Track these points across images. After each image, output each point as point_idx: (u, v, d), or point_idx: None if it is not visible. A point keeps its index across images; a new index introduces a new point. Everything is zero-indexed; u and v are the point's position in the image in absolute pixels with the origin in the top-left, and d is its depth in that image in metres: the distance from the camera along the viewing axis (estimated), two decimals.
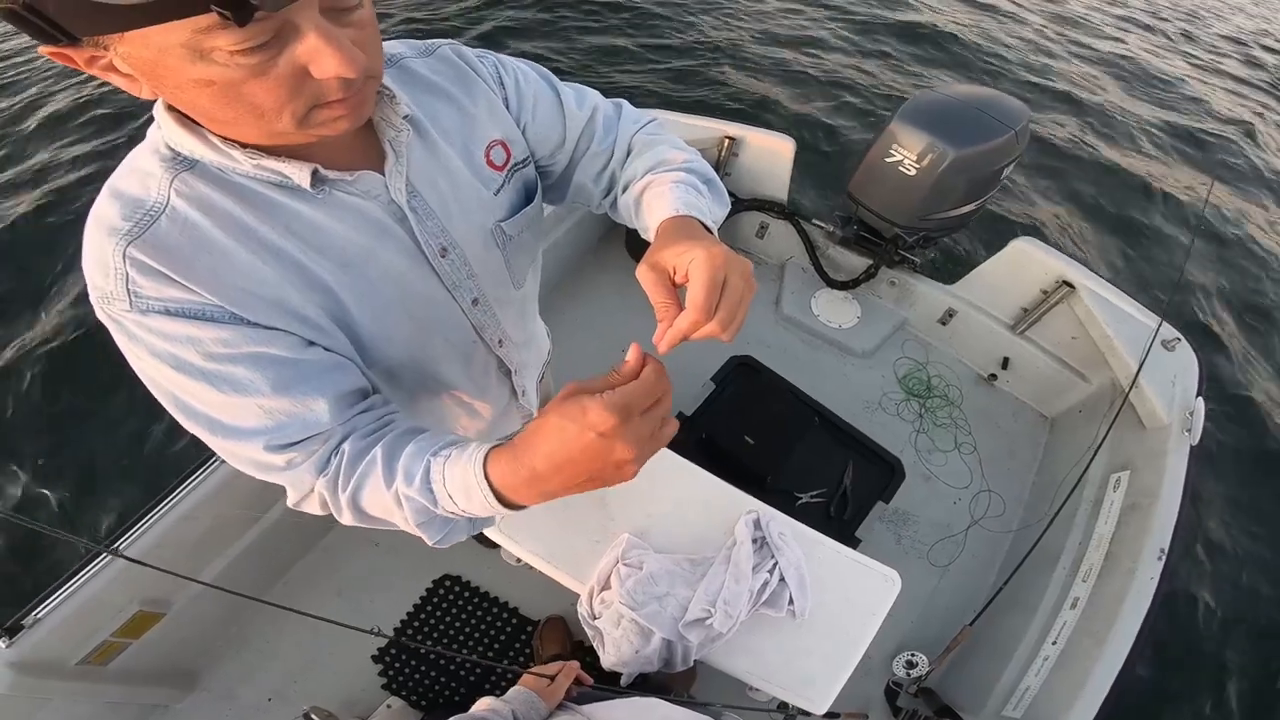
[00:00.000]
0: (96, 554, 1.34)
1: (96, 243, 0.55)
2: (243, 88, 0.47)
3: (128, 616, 1.41)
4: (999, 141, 1.86)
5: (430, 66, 0.72)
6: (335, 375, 0.64)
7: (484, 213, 0.75)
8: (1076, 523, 1.84)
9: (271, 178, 0.58)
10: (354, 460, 0.62)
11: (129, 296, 0.54)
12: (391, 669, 1.72)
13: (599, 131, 0.83)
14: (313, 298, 0.62)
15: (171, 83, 0.47)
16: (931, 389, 2.38)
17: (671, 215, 0.68)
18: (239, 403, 0.58)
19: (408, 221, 0.67)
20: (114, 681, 1.45)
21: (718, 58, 5.11)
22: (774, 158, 2.27)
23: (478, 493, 0.55)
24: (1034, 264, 2.09)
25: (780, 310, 2.50)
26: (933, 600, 1.91)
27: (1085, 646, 1.49)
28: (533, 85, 0.79)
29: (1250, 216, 4.52)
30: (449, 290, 0.75)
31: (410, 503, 0.59)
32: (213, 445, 0.62)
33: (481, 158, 0.74)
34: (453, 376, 0.86)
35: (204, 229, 0.56)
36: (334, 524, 1.87)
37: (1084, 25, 7.20)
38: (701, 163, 0.80)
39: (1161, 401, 1.79)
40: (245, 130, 0.53)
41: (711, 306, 0.56)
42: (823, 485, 1.76)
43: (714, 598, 1.17)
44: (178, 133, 0.55)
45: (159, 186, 0.56)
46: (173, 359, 0.56)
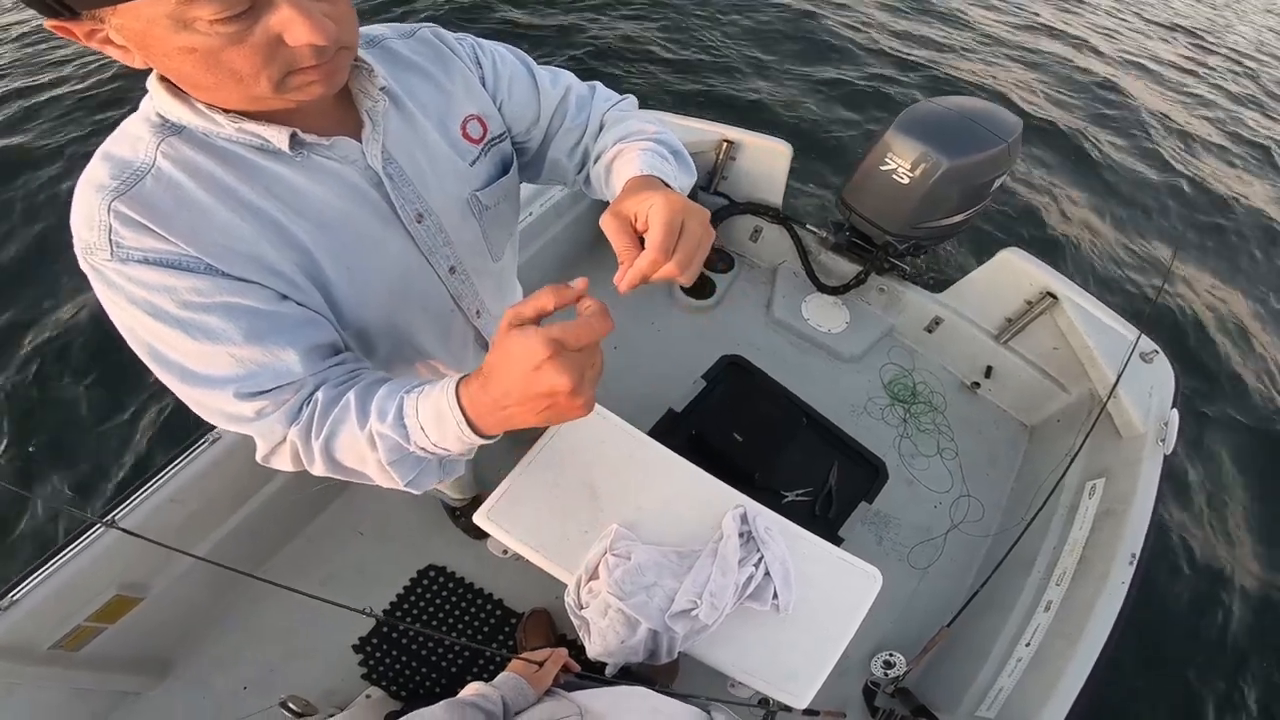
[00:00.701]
0: (89, 526, 1.32)
1: (84, 199, 0.58)
2: (221, 55, 0.51)
3: (105, 600, 1.38)
4: (992, 153, 1.89)
5: (410, 47, 0.77)
6: (308, 329, 0.66)
7: (460, 182, 0.79)
8: (1052, 528, 1.88)
9: (252, 141, 0.62)
10: (327, 407, 0.64)
11: (110, 246, 0.57)
12: (372, 659, 1.71)
13: (572, 109, 0.87)
14: (289, 255, 0.65)
15: (159, 51, 0.51)
16: (916, 395, 2.42)
17: (636, 174, 0.72)
18: (211, 350, 0.61)
19: (384, 187, 0.71)
20: (84, 668, 1.42)
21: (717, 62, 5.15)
22: (771, 162, 2.30)
23: (450, 419, 0.58)
24: (1019, 275, 2.13)
25: (771, 313, 2.53)
26: (911, 601, 1.94)
27: (1058, 648, 1.52)
28: (509, 65, 0.84)
29: (1229, 234, 4.66)
30: (425, 256, 0.79)
31: (384, 440, 0.62)
32: (183, 395, 0.64)
33: (458, 131, 0.79)
34: (430, 345, 0.89)
35: (186, 188, 0.60)
36: (318, 512, 1.86)
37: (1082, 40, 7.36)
38: (670, 135, 0.83)
39: (1138, 412, 1.84)
40: (226, 95, 0.57)
41: (669, 247, 0.59)
42: (808, 484, 1.78)
43: (700, 589, 1.18)
44: (167, 100, 0.59)
45: (146, 149, 0.60)
46: (149, 306, 0.59)
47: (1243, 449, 3.09)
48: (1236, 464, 3.03)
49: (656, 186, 0.68)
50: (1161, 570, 2.53)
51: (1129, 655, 2.23)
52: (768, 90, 4.94)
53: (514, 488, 1.29)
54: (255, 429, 0.66)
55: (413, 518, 1.89)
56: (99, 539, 1.33)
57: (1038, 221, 4.25)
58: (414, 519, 1.89)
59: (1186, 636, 2.42)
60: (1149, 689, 2.27)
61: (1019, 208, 4.32)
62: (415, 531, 1.88)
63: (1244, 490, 2.94)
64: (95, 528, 1.32)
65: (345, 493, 1.90)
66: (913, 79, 5.53)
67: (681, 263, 0.59)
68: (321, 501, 1.87)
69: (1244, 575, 2.63)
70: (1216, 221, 4.79)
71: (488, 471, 1.70)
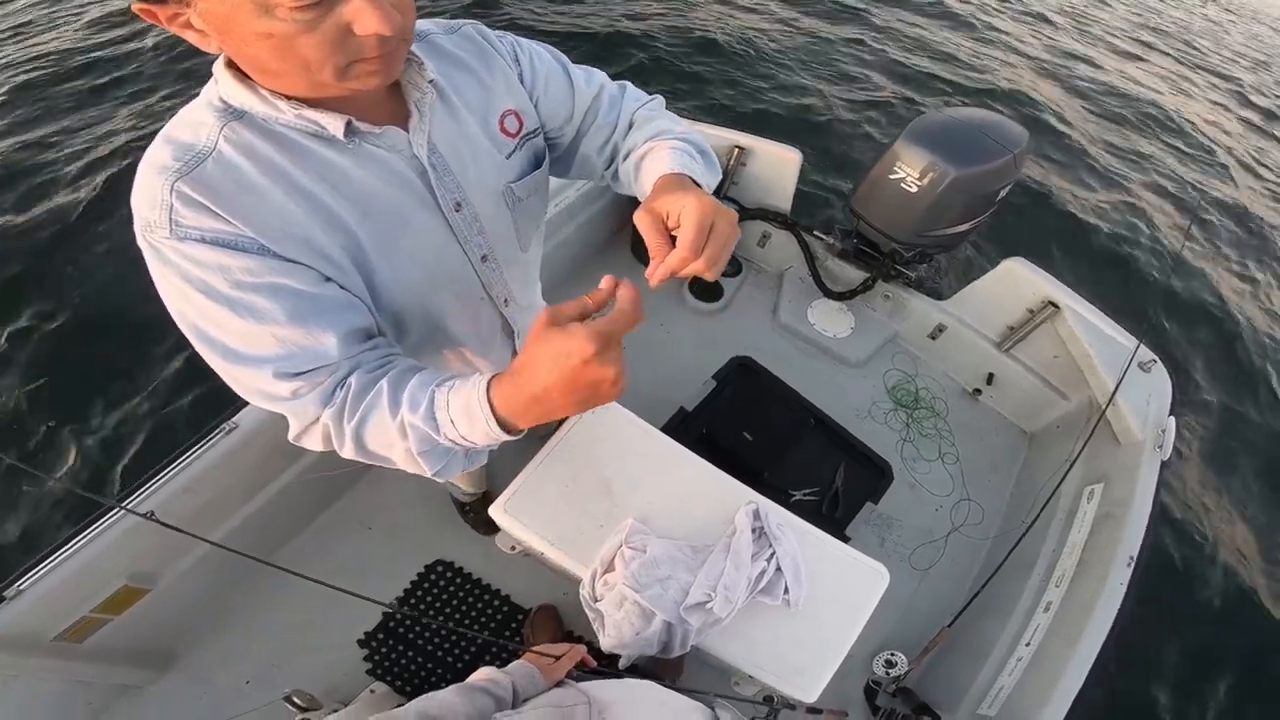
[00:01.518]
0: (106, 511, 1.32)
1: (147, 179, 0.61)
2: (295, 41, 0.54)
3: (113, 590, 1.38)
4: (998, 164, 1.93)
5: (454, 43, 0.80)
6: (347, 313, 0.68)
7: (496, 174, 0.82)
8: (1051, 531, 1.91)
9: (309, 127, 0.65)
10: (361, 393, 0.66)
11: (170, 224, 0.59)
12: (378, 654, 1.71)
13: (604, 107, 0.90)
14: (336, 238, 0.68)
15: (238, 36, 0.54)
16: (919, 400, 2.45)
17: (667, 172, 0.75)
18: (255, 330, 0.63)
19: (427, 176, 0.74)
20: (88, 659, 1.42)
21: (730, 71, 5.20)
22: (780, 168, 2.33)
23: (479, 415, 0.60)
24: (1022, 284, 2.17)
25: (777, 317, 2.56)
26: (913, 602, 1.96)
27: (1057, 648, 1.54)
28: (545, 64, 0.87)
29: (1229, 247, 4.74)
30: (460, 244, 0.81)
31: (415, 431, 0.64)
32: (223, 372, 0.66)
33: (496, 125, 0.81)
34: (459, 331, 0.92)
35: (245, 171, 0.62)
36: (326, 506, 1.87)
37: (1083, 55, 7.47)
38: (696, 135, 0.87)
39: (1136, 419, 1.87)
40: (293, 82, 0.60)
41: (700, 246, 0.63)
42: (816, 484, 1.81)
43: (715, 583, 1.20)
44: (233, 86, 0.62)
45: (209, 133, 0.62)
46: (201, 284, 0.61)
47: (1238, 455, 3.16)
48: (1232, 470, 3.09)
49: (687, 186, 0.71)
50: (1158, 572, 2.57)
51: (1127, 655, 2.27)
52: (780, 98, 4.99)
53: (529, 482, 1.31)
54: (289, 408, 0.68)
55: (421, 513, 1.90)
56: (110, 528, 1.32)
57: (1042, 230, 4.32)
58: (422, 514, 1.90)
59: (1183, 636, 2.46)
60: (1145, 688, 2.30)
61: (1024, 217, 4.37)
62: (424, 526, 1.88)
63: (1239, 495, 3.00)
64: (112, 513, 1.32)
65: (354, 487, 1.91)
66: (924, 90, 5.61)
67: (710, 260, 0.64)
68: (330, 495, 1.87)
69: (1238, 576, 2.68)
70: (1219, 232, 4.88)
71: (498, 468, 1.71)
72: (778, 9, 6.34)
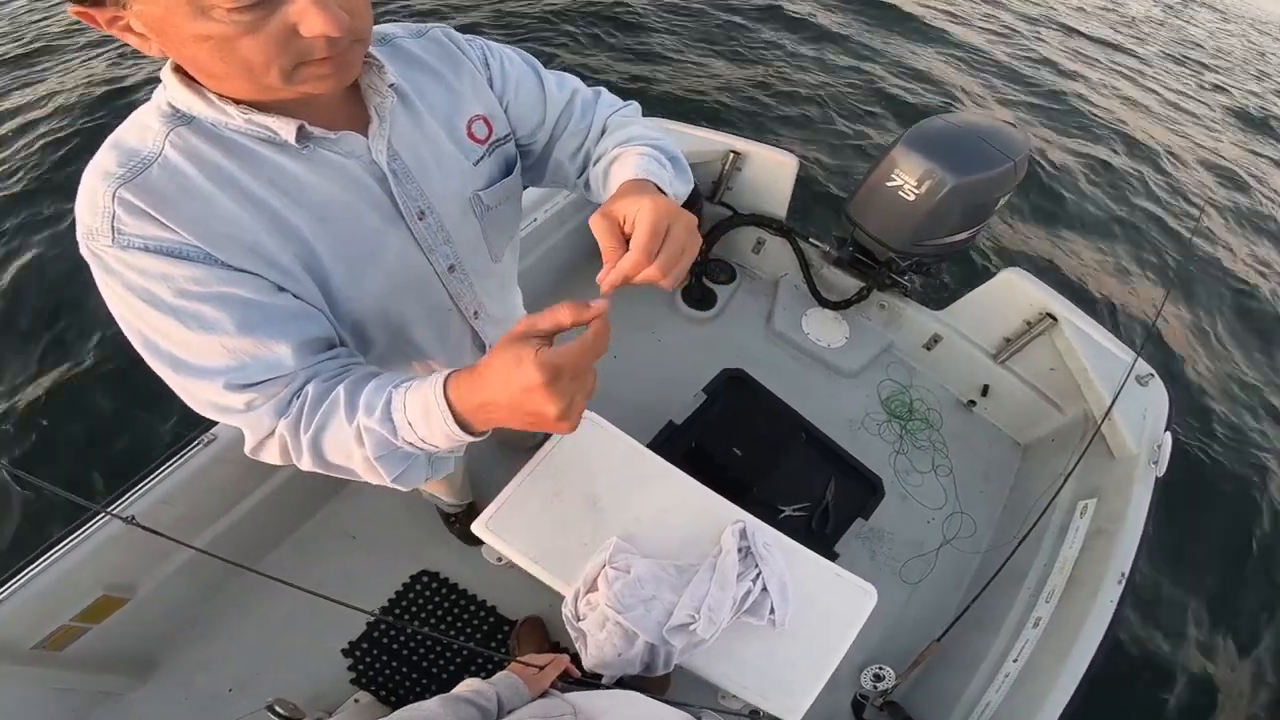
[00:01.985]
0: (91, 516, 1.30)
1: (90, 185, 0.59)
2: (236, 43, 0.52)
3: (91, 600, 1.37)
4: (997, 172, 1.89)
5: (421, 46, 0.78)
6: (302, 322, 0.66)
7: (463, 181, 0.79)
8: (1043, 546, 1.90)
9: (260, 133, 0.63)
10: (317, 401, 0.64)
11: (112, 232, 0.57)
12: (362, 663, 1.70)
13: (577, 112, 0.88)
14: (288, 246, 0.66)
15: (176, 38, 0.52)
16: (913, 412, 2.43)
17: (630, 178, 0.72)
18: (203, 340, 0.61)
19: (387, 182, 0.71)
20: (67, 668, 1.41)
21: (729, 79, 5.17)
22: (776, 174, 2.30)
23: (436, 413, 0.58)
24: (1020, 295, 2.15)
25: (771, 326, 2.53)
26: (902, 615, 1.95)
27: (1046, 664, 1.53)
28: (516, 68, 0.84)
29: (1230, 261, 4.73)
30: (424, 253, 0.79)
31: (370, 434, 0.62)
32: (174, 384, 0.64)
33: (463, 130, 0.79)
34: (426, 343, 0.89)
35: (191, 177, 0.60)
36: (309, 515, 1.85)
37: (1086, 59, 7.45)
38: (669, 142, 0.84)
39: (1131, 434, 1.86)
40: (237, 85, 0.58)
41: (653, 250, 0.59)
42: (806, 499, 1.79)
43: (699, 604, 1.18)
44: (180, 90, 0.60)
45: (155, 138, 0.60)
46: (145, 293, 0.59)
47: (1233, 471, 3.14)
48: (1227, 486, 3.08)
49: (648, 190, 0.68)
50: (1149, 591, 2.56)
51: (1116, 673, 2.25)
52: (775, 102, 4.97)
53: (513, 498, 1.29)
54: (243, 421, 0.66)
55: (406, 523, 1.88)
56: (87, 538, 1.31)
57: (1040, 240, 4.30)
58: (408, 524, 1.88)
59: (1171, 656, 2.44)
60: (1134, 708, 2.29)
61: (1022, 226, 4.36)
62: (409, 536, 1.86)
63: (1234, 511, 2.99)
64: (91, 522, 1.31)
65: (337, 496, 1.89)
66: (923, 97, 5.58)
67: (664, 266, 0.59)
68: (314, 505, 1.85)
69: (1232, 596, 2.67)
70: (1220, 246, 4.87)
71: (483, 479, 1.70)
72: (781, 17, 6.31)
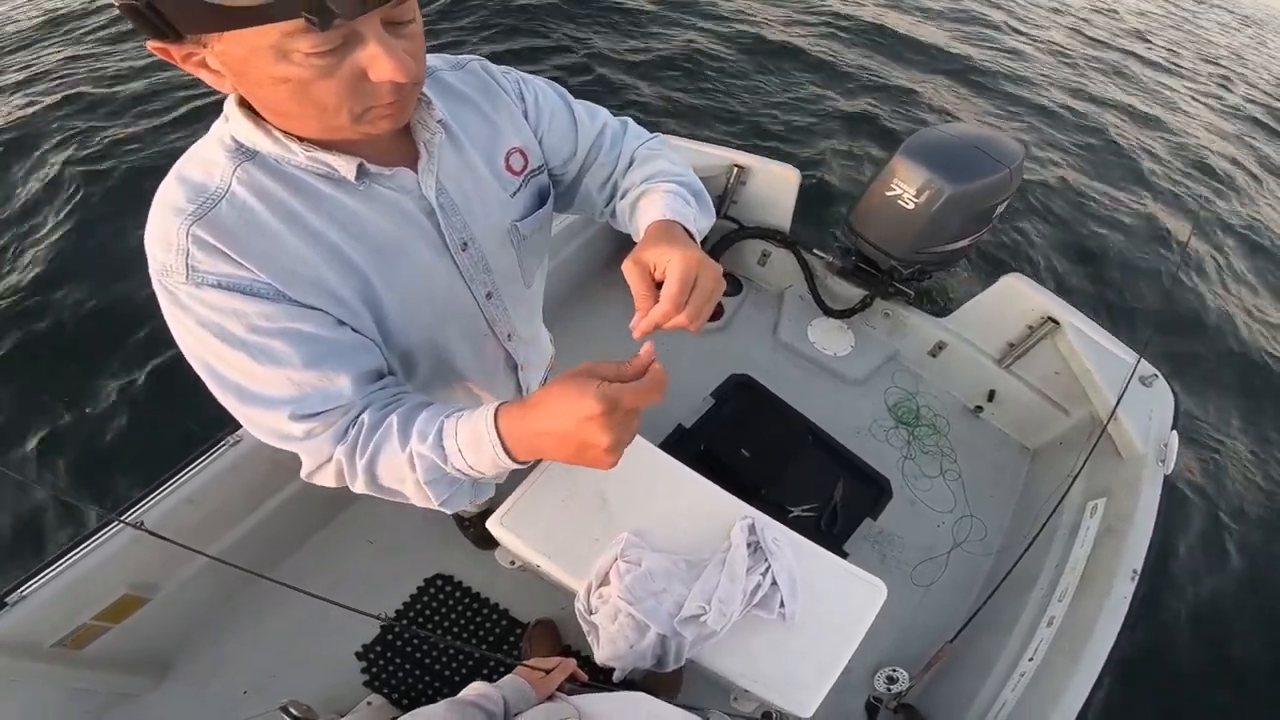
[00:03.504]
0: (107, 522, 1.34)
1: (161, 221, 0.60)
2: (312, 86, 0.54)
3: (113, 599, 1.40)
4: (994, 179, 1.94)
5: (460, 79, 0.80)
6: (360, 355, 0.69)
7: (502, 213, 0.82)
8: (1054, 546, 1.90)
9: (320, 169, 0.65)
10: (372, 429, 0.67)
11: (187, 270, 0.60)
12: (375, 665, 1.71)
13: (606, 144, 0.91)
14: (348, 280, 0.68)
15: (254, 79, 0.54)
16: (920, 418, 2.44)
17: (659, 219, 0.76)
18: (272, 373, 0.63)
19: (435, 216, 0.74)
20: (86, 666, 1.43)
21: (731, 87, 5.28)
22: (780, 187, 2.35)
23: (486, 442, 0.61)
24: (1022, 300, 2.17)
25: (778, 336, 2.57)
26: (914, 618, 1.94)
27: (1061, 663, 1.53)
28: (550, 101, 0.87)
29: (1229, 261, 4.74)
30: (467, 283, 0.82)
31: (422, 460, 0.65)
32: (237, 413, 0.66)
33: (502, 163, 0.82)
34: (464, 366, 0.92)
35: (258, 213, 0.62)
36: (328, 519, 1.88)
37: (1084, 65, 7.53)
38: (693, 177, 0.88)
39: (1138, 433, 1.87)
40: (306, 125, 0.60)
41: (683, 301, 0.64)
42: (814, 500, 1.81)
43: (709, 596, 1.20)
44: (245, 126, 0.62)
45: (222, 174, 0.62)
46: (218, 329, 0.61)
47: (1242, 466, 3.13)
48: (1237, 480, 3.07)
49: (676, 236, 0.72)
50: (1161, 587, 2.55)
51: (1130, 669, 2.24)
52: (781, 117, 5.05)
53: (527, 496, 1.31)
54: (303, 448, 0.69)
55: (422, 527, 1.90)
56: (112, 538, 1.34)
57: (1041, 246, 4.33)
58: (423, 529, 1.90)
59: (1187, 651, 2.43)
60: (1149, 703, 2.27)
61: (1023, 232, 4.39)
62: (424, 541, 1.89)
63: (1243, 506, 2.98)
64: (112, 525, 1.34)
65: (356, 503, 1.91)
66: (923, 106, 5.65)
67: (692, 315, 0.64)
68: (331, 509, 1.88)
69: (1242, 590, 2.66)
70: (1220, 246, 4.88)
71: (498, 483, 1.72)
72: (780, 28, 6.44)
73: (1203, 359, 3.73)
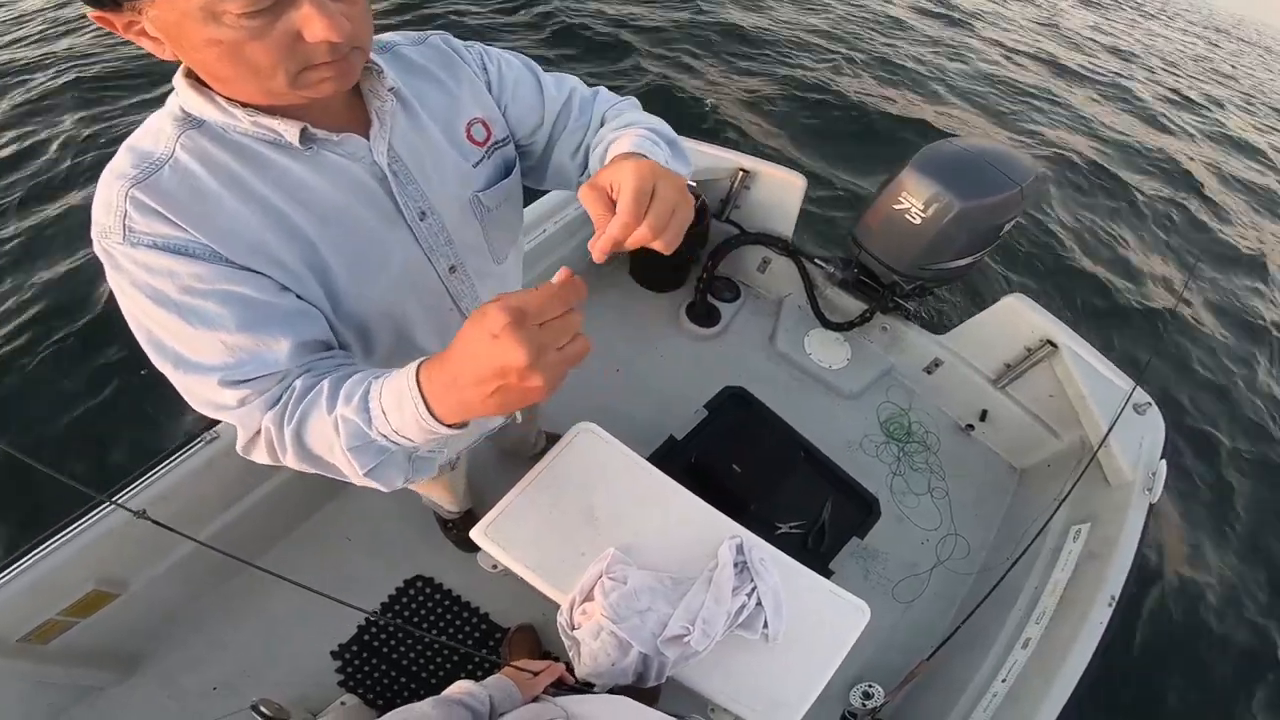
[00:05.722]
0: (96, 505, 1.31)
1: (105, 185, 0.62)
2: (244, 48, 0.54)
3: (81, 594, 1.37)
4: (1004, 197, 1.89)
5: (420, 53, 0.80)
6: (300, 321, 0.68)
7: (463, 183, 0.81)
8: (1035, 568, 1.90)
9: (266, 135, 0.65)
10: (302, 394, 0.65)
11: (123, 230, 0.60)
12: (351, 665, 1.69)
13: (575, 111, 0.89)
14: (292, 246, 0.67)
15: (188, 43, 0.55)
16: (911, 434, 2.44)
17: (623, 152, 0.71)
18: (204, 336, 0.62)
19: (388, 183, 0.73)
20: (50, 661, 1.40)
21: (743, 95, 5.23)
22: (784, 193, 2.31)
23: (408, 400, 0.56)
24: (1022, 321, 2.16)
25: (774, 345, 2.55)
26: (893, 634, 1.95)
27: (1034, 684, 1.53)
28: (514, 70, 0.87)
29: (1231, 291, 4.78)
30: (426, 254, 0.80)
31: (346, 424, 0.61)
32: (176, 382, 0.66)
33: (463, 133, 0.81)
34: (429, 345, 0.89)
35: (200, 178, 0.63)
36: (305, 516, 1.85)
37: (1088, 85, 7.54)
38: (665, 127, 0.85)
39: (1127, 461, 1.87)
40: (245, 88, 0.60)
41: (640, 211, 0.58)
42: (802, 517, 1.79)
43: (693, 616, 1.19)
44: (190, 95, 0.63)
45: (167, 141, 0.63)
46: (151, 290, 0.61)
47: (1229, 497, 3.17)
48: (1223, 511, 3.11)
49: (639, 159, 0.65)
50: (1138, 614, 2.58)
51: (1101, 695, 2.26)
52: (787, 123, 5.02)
53: (513, 506, 1.30)
54: (236, 417, 0.66)
55: (403, 527, 1.88)
56: (85, 530, 1.31)
57: (1044, 266, 4.34)
58: (404, 529, 1.88)
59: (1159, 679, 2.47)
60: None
61: (1027, 250, 4.39)
62: (405, 541, 1.86)
63: (1226, 538, 3.02)
64: (99, 509, 1.31)
65: (335, 498, 1.89)
66: (937, 119, 5.65)
67: (655, 226, 0.58)
68: (309, 506, 1.85)
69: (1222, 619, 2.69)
70: (1221, 275, 4.92)
71: (483, 486, 1.70)
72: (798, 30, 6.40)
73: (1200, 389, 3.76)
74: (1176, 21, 11.57)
